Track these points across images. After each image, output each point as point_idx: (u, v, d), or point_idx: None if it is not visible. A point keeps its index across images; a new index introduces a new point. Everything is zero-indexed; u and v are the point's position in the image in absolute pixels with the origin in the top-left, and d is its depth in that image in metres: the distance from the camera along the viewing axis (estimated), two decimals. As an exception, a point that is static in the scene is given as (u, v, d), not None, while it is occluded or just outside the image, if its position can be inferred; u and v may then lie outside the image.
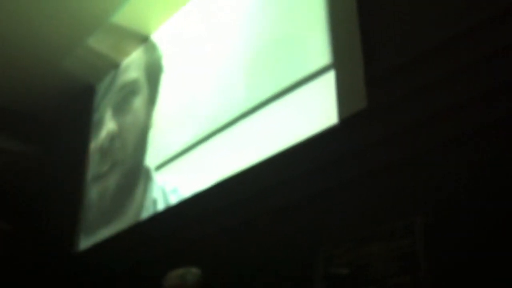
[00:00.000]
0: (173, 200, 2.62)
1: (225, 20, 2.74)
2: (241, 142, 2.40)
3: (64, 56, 3.36)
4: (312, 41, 2.21)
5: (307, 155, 2.08)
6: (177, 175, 2.68)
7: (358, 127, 1.95)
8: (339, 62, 2.06)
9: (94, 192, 3.33)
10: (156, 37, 3.23)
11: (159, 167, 2.79)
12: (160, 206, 2.68)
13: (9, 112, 3.81)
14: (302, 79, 2.18)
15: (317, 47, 2.17)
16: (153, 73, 3.13)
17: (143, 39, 3.28)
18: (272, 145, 2.22)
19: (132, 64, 3.36)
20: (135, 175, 2.97)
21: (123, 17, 3.11)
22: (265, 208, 2.23)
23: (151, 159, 2.89)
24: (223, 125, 2.48)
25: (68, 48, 3.30)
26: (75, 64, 3.43)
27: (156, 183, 2.78)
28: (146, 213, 2.75)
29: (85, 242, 3.18)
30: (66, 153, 3.78)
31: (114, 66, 3.48)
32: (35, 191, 3.79)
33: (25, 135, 3.92)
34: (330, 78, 2.07)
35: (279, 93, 2.27)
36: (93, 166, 3.44)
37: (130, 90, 3.26)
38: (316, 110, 2.10)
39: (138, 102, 3.17)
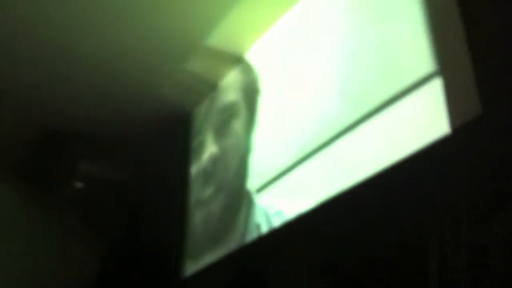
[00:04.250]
0: (277, 223, 2.57)
1: (319, 34, 2.69)
2: (343, 160, 2.31)
3: (160, 82, 3.43)
4: (411, 48, 2.09)
5: (419, 168, 1.95)
6: (279, 198, 2.64)
7: (473, 135, 1.80)
8: (445, 68, 1.93)
9: (198, 216, 3.37)
10: (250, 56, 3.25)
11: (260, 189, 2.77)
12: (264, 229, 2.65)
13: (106, 140, 3.94)
14: (404, 90, 2.07)
15: (417, 55, 2.05)
16: (250, 94, 3.13)
17: (238, 59, 3.30)
18: (375, 162, 2.12)
19: (230, 86, 3.39)
20: (238, 199, 2.96)
21: (217, 37, 3.14)
22: (376, 227, 2.12)
23: (251, 183, 2.87)
24: (322, 143, 2.41)
25: (164, 74, 3.38)
26: (173, 90, 3.50)
27: (258, 206, 2.75)
28: (249, 237, 2.73)
29: (191, 267, 3.21)
30: (166, 178, 3.87)
31: (211, 89, 3.52)
32: (138, 218, 3.90)
33: (125, 164, 4.07)
34: (434, 87, 1.95)
35: (379, 107, 2.17)
36: (196, 190, 3.48)
37: (230, 113, 3.29)
38: (423, 121, 1.97)
39: (238, 125, 3.18)
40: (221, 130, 3.33)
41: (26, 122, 3.74)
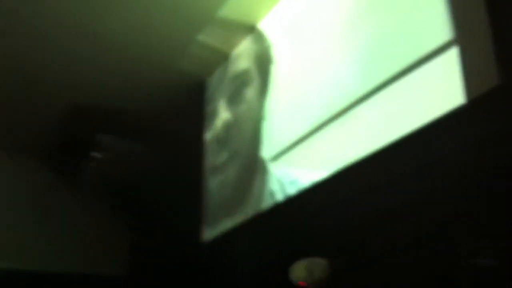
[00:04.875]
0: (291, 191, 2.59)
1: (334, 2, 2.64)
2: (358, 129, 2.31)
3: (174, 55, 3.45)
4: (430, 16, 2.05)
5: (433, 140, 1.95)
6: (293, 166, 2.66)
7: (490, 106, 1.78)
8: (463, 37, 1.89)
9: (214, 183, 3.42)
10: (263, 25, 3.21)
11: (275, 158, 2.79)
12: (278, 197, 2.68)
13: (125, 112, 4.00)
14: (421, 58, 2.04)
15: (436, 23, 2.01)
16: (263, 63, 3.11)
17: (251, 29, 3.28)
18: (391, 131, 2.11)
19: (242, 54, 3.37)
20: (253, 166, 2.99)
21: (230, 8, 3.12)
22: (390, 198, 2.14)
23: (266, 151, 2.89)
24: (337, 112, 2.40)
25: (179, 46, 3.39)
26: (187, 62, 3.51)
27: (273, 174, 2.77)
28: (265, 205, 2.77)
29: (209, 233, 3.28)
30: (182, 146, 3.91)
31: (223, 58, 3.51)
32: (156, 187, 3.97)
33: (141, 134, 4.11)
34: (452, 56, 1.92)
35: (395, 76, 2.14)
36: (211, 156, 3.51)
37: (242, 80, 3.28)
38: (439, 91, 1.95)
39: (251, 93, 3.17)
40: (234, 97, 3.33)
41: (51, 100, 3.84)
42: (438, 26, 1.98)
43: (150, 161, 4.11)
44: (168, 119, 3.97)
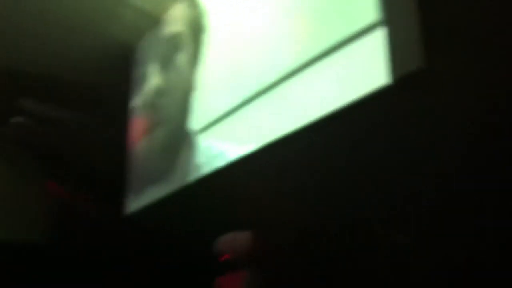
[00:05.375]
0: (218, 164, 2.57)
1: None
2: (287, 103, 2.30)
3: (103, 18, 3.29)
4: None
5: (358, 118, 1.97)
6: (221, 139, 2.63)
7: (413, 88, 1.82)
8: (391, 18, 1.90)
9: (141, 148, 3.34)
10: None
11: (203, 130, 2.74)
12: (205, 170, 2.65)
13: (49, 77, 3.82)
14: (351, 36, 2.04)
15: (365, 2, 2.01)
16: (196, 30, 3.02)
17: (184, -7, 3.16)
18: (320, 107, 2.12)
19: (175, 18, 3.25)
20: (180, 136, 2.93)
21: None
22: (313, 171, 2.17)
23: (194, 122, 2.84)
24: (267, 86, 2.38)
25: (107, 10, 3.23)
26: (116, 25, 3.35)
27: (200, 146, 2.73)
28: (191, 177, 2.73)
29: (134, 203, 3.22)
30: (111, 113, 3.79)
31: (154, 23, 3.38)
32: (83, 155, 3.84)
33: (67, 99, 3.95)
34: (379, 36, 1.92)
35: (325, 53, 2.14)
36: (138, 121, 3.42)
37: (174, 44, 3.17)
38: (367, 70, 1.97)
39: (182, 59, 3.08)
40: (165, 62, 3.23)
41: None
42: (368, 6, 1.98)
43: (76, 127, 3.97)
44: (96, 85, 3.82)
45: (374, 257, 1.89)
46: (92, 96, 3.80)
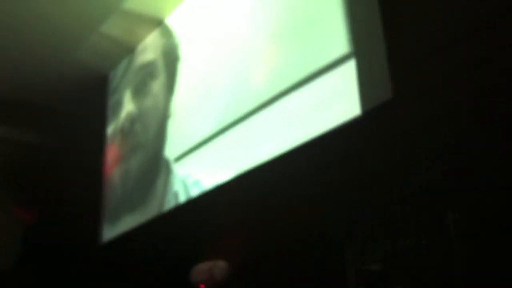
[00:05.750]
0: (195, 192, 2.59)
1: (242, 4, 2.64)
2: (262, 132, 2.34)
3: (76, 45, 3.29)
4: (332, 27, 2.11)
5: (329, 148, 2.02)
6: (197, 167, 2.65)
7: (382, 118, 1.88)
8: (360, 51, 1.97)
9: (116, 175, 3.32)
10: (170, 20, 3.13)
11: (178, 158, 2.76)
12: (182, 198, 2.66)
13: (22, 103, 3.79)
14: (322, 68, 2.10)
15: (338, 34, 2.07)
16: (170, 59, 3.05)
17: (158, 23, 3.18)
18: (294, 136, 2.17)
19: (149, 46, 3.28)
20: (156, 164, 2.94)
21: (135, 1, 3.01)
22: (287, 200, 2.20)
23: (170, 150, 2.85)
24: (242, 115, 2.42)
25: (80, 37, 3.23)
26: (89, 53, 3.36)
27: (176, 175, 2.74)
28: (168, 206, 2.73)
29: (109, 231, 3.19)
30: (85, 141, 3.77)
31: (128, 51, 3.40)
32: (55, 182, 3.80)
33: (40, 127, 3.92)
34: (352, 67, 1.99)
35: (299, 83, 2.19)
36: (114, 149, 3.41)
37: (148, 72, 3.19)
38: (338, 101, 2.02)
39: (157, 87, 3.11)
40: (139, 90, 3.25)
41: None
42: (339, 39, 2.04)
43: (54, 156, 3.93)
44: (68, 111, 3.81)
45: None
46: (65, 123, 3.78)
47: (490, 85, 1.64)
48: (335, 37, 2.07)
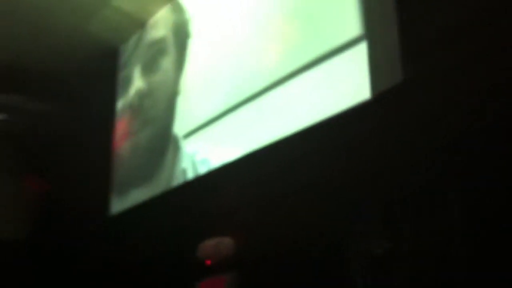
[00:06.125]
0: (202, 169, 2.60)
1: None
2: (271, 112, 2.34)
3: (89, 19, 3.28)
4: (345, 9, 2.09)
5: (338, 131, 2.02)
6: (206, 145, 2.66)
7: (392, 102, 1.86)
8: (372, 33, 1.95)
9: (125, 149, 3.34)
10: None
11: (187, 135, 2.77)
12: (190, 175, 2.68)
13: (35, 73, 3.80)
14: (334, 49, 2.08)
15: (348, 17, 2.05)
16: (180, 35, 3.03)
17: (169, -2, 3.17)
18: (303, 117, 2.16)
19: (160, 23, 3.27)
20: (165, 140, 2.95)
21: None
22: (294, 181, 2.21)
23: (179, 127, 2.86)
24: (251, 94, 2.41)
25: (93, 10, 3.22)
26: (99, 26, 3.35)
27: (185, 152, 2.76)
28: (176, 182, 2.76)
29: (118, 203, 3.23)
30: (94, 112, 3.78)
31: (139, 26, 3.39)
32: (65, 151, 3.83)
33: (52, 96, 3.93)
34: (363, 50, 1.97)
35: (310, 64, 2.18)
36: (123, 123, 3.43)
37: (159, 48, 3.19)
38: (348, 83, 2.01)
39: (167, 63, 3.10)
40: (149, 66, 3.25)
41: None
42: (350, 21, 2.02)
43: (59, 124, 3.96)
44: (80, 83, 3.82)
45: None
46: (77, 94, 3.80)
47: (500, 75, 1.61)
48: (348, 19, 2.05)
